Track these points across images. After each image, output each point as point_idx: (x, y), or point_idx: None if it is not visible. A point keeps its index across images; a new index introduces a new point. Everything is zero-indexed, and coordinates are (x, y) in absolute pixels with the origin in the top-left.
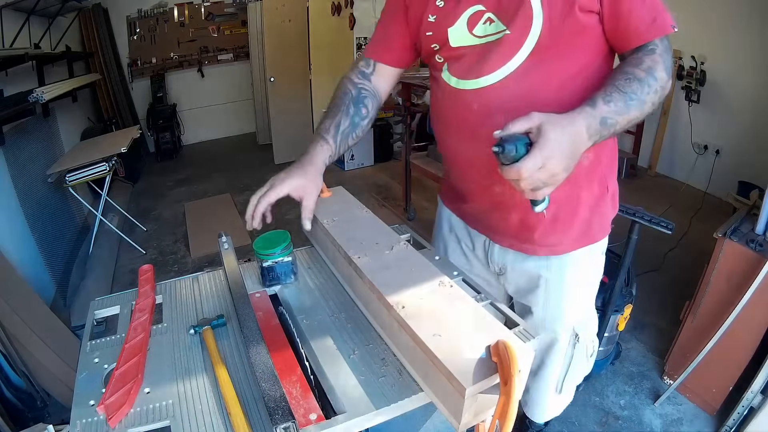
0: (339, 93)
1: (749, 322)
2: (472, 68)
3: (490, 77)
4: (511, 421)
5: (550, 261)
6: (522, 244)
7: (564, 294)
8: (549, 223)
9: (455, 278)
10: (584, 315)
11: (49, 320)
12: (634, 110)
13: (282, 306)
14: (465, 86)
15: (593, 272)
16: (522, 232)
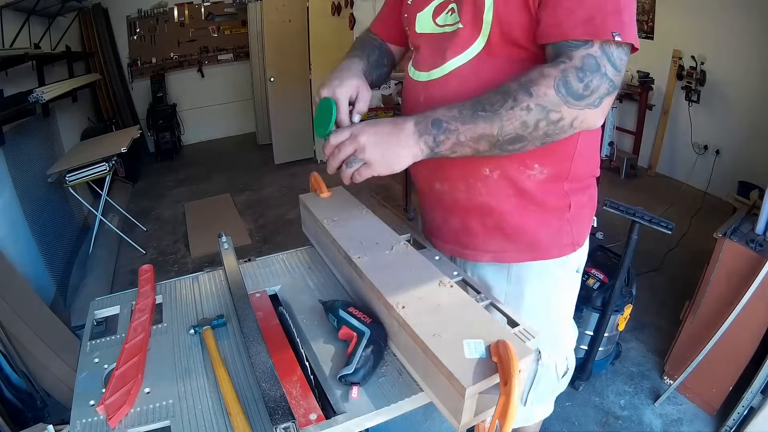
0: (360, 39)
1: (749, 322)
2: (426, 59)
3: (437, 71)
4: (512, 421)
5: (509, 271)
6: (463, 250)
7: (522, 308)
8: (491, 230)
9: (455, 278)
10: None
11: (49, 320)
12: (483, 122)
13: (282, 306)
14: (417, 77)
15: (561, 290)
16: (462, 237)
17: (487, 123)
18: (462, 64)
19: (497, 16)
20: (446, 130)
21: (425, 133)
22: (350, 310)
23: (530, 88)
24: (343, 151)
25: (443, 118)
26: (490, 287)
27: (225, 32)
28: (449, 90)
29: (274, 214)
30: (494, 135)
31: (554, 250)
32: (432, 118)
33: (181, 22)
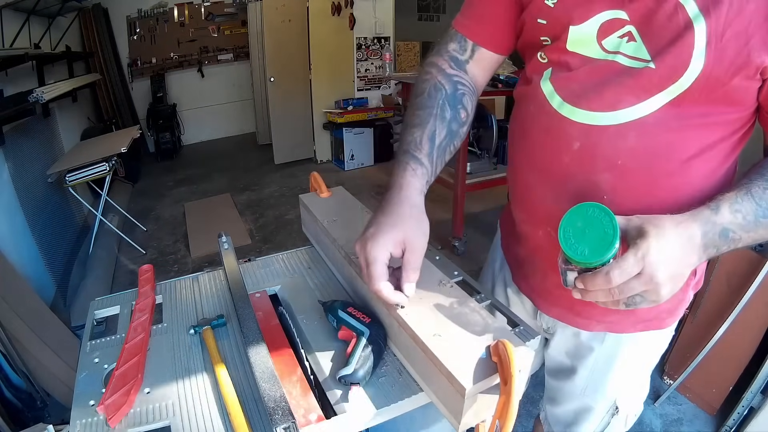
0: (426, 87)
1: (749, 322)
2: (586, 92)
3: (609, 115)
4: (511, 421)
5: (606, 336)
6: (575, 318)
7: (612, 371)
8: None
9: (455, 278)
10: (631, 390)
11: (49, 320)
12: (763, 230)
13: (282, 306)
14: (570, 114)
15: (653, 354)
16: (579, 305)
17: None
18: (645, 114)
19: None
20: (731, 240)
21: (711, 246)
22: (349, 311)
23: None
24: (626, 290)
25: (730, 227)
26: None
27: (225, 32)
28: (624, 148)
29: (274, 214)
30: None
31: (668, 319)
32: (721, 227)
33: (181, 22)
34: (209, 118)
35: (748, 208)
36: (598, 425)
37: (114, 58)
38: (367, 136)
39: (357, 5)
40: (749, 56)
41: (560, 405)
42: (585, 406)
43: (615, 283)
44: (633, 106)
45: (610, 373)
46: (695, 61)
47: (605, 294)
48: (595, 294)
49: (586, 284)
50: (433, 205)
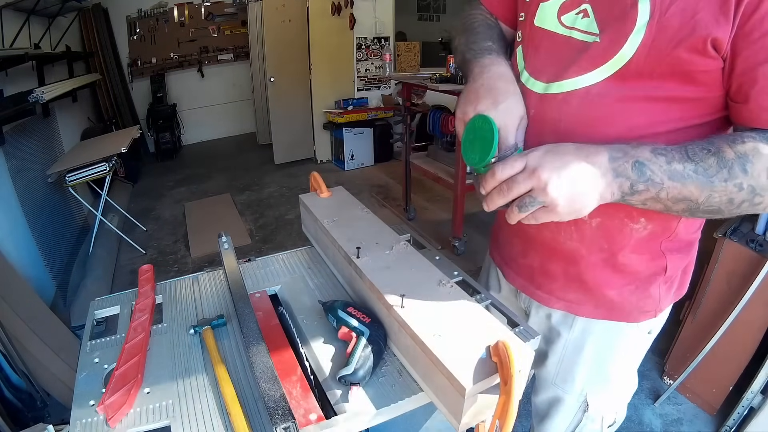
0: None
1: (749, 322)
2: (545, 66)
3: (558, 85)
4: (511, 421)
5: (574, 321)
6: (536, 290)
7: (581, 361)
8: (572, 279)
9: (455, 278)
10: (603, 386)
11: (49, 320)
12: (693, 186)
13: (282, 306)
14: (531, 86)
15: (627, 350)
16: (539, 277)
17: (696, 188)
18: (590, 84)
19: (653, 39)
20: (649, 180)
21: (623, 175)
22: (349, 310)
23: (746, 164)
24: (515, 188)
25: (649, 163)
26: (550, 330)
27: (225, 32)
28: (568, 112)
29: (274, 214)
30: (698, 202)
31: (634, 314)
32: (635, 159)
33: (181, 22)
34: (209, 118)
35: (676, 156)
36: (570, 422)
37: (114, 58)
38: (367, 136)
39: (357, 5)
40: (694, 28)
41: (538, 394)
42: (556, 396)
43: (499, 176)
44: (579, 76)
45: (578, 363)
46: (635, 35)
47: (499, 193)
48: (492, 197)
49: (483, 186)
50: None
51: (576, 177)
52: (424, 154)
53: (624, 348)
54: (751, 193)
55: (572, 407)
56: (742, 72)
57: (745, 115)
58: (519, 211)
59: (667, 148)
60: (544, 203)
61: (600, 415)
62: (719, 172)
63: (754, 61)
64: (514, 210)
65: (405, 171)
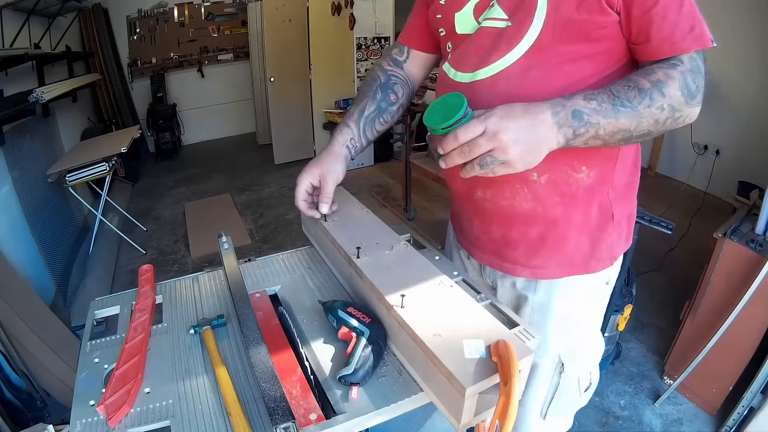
0: (368, 80)
1: (749, 322)
2: (468, 59)
3: (484, 71)
4: (512, 421)
5: (537, 284)
6: (502, 262)
7: (549, 321)
8: (533, 242)
9: (455, 278)
10: (575, 345)
11: (49, 320)
12: (624, 118)
13: (282, 306)
14: (460, 79)
15: (591, 303)
16: (502, 248)
17: (627, 119)
18: (511, 63)
19: (554, 12)
20: (587, 123)
21: (565, 125)
22: (349, 310)
23: (662, 88)
24: (475, 148)
25: (584, 109)
26: (517, 297)
27: (225, 32)
28: (498, 92)
29: (274, 214)
30: (630, 130)
31: (592, 263)
32: (572, 109)
33: (181, 22)
34: (209, 118)
35: (605, 98)
36: (548, 386)
37: (114, 58)
38: None
39: (357, 5)
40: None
41: None
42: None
43: (461, 139)
44: (500, 59)
45: (548, 326)
46: (539, 11)
47: (459, 154)
48: (452, 156)
49: (442, 146)
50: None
51: (528, 135)
52: (424, 154)
53: (586, 300)
54: (671, 110)
55: (548, 370)
56: (638, 17)
57: (650, 52)
58: (480, 168)
59: (595, 93)
60: (504, 161)
61: (576, 377)
62: (642, 101)
63: (646, 5)
64: (475, 167)
65: (405, 171)
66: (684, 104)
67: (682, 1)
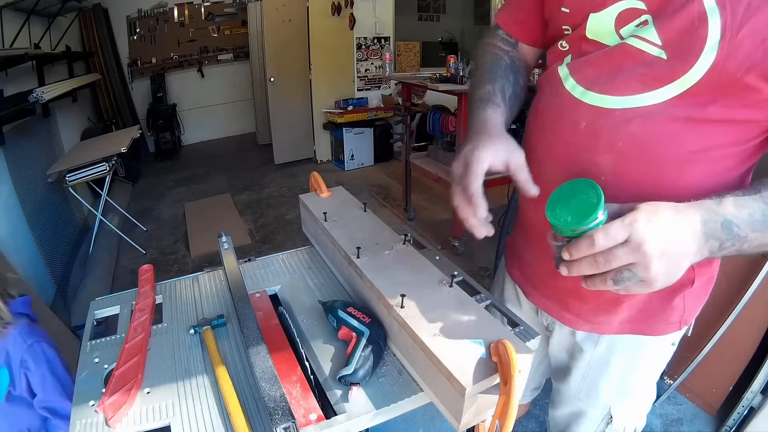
0: (489, 58)
1: (749, 322)
2: (599, 76)
3: (617, 99)
4: (511, 421)
5: (600, 339)
6: (562, 312)
7: (605, 376)
8: (607, 301)
9: (455, 278)
10: (628, 400)
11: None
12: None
13: (282, 306)
14: (582, 96)
15: (652, 363)
16: (570, 299)
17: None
18: (654, 103)
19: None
20: (736, 236)
21: (713, 237)
22: (349, 311)
23: None
24: (615, 261)
25: (734, 220)
26: (574, 346)
27: (225, 32)
28: (627, 132)
29: (274, 214)
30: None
31: (659, 326)
32: (722, 219)
33: (181, 22)
34: (209, 118)
35: (755, 207)
36: None
37: (114, 58)
38: (367, 136)
39: (357, 5)
40: (766, 54)
41: (558, 408)
42: (579, 410)
43: (599, 247)
44: (641, 93)
45: (603, 379)
46: (706, 55)
47: (590, 264)
48: (580, 264)
49: (570, 252)
50: (432, 205)
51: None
52: (424, 154)
53: (649, 360)
54: None
55: (595, 420)
56: None
57: None
58: (614, 284)
59: (746, 198)
60: (644, 279)
61: (622, 426)
62: None
63: None
64: (608, 281)
65: (405, 171)
66: None
67: None
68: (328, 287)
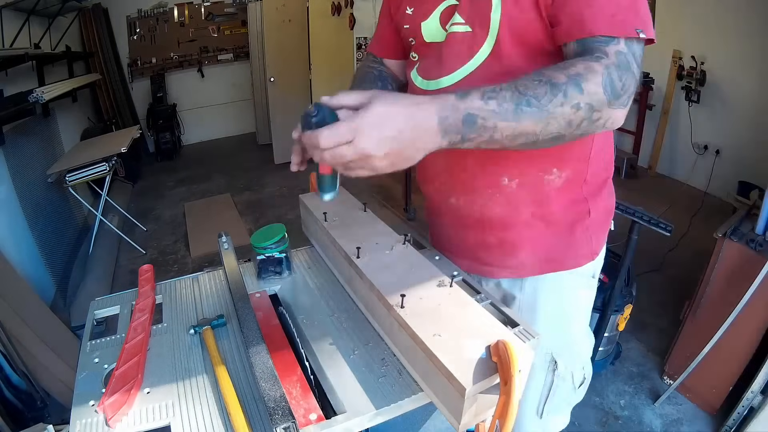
0: (359, 75)
1: (749, 322)
2: (433, 67)
3: (448, 78)
4: (512, 421)
5: (523, 282)
6: (481, 266)
7: (538, 319)
8: (510, 244)
9: (455, 278)
10: (565, 342)
11: (49, 320)
12: (528, 120)
13: (282, 306)
14: (426, 87)
15: (578, 298)
16: (479, 253)
17: (531, 120)
18: (473, 70)
19: (506, 14)
20: (481, 128)
21: (452, 131)
22: None
23: (581, 83)
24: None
25: (478, 113)
26: (504, 297)
27: (225, 32)
28: None
29: (274, 214)
30: (536, 134)
31: (572, 260)
32: (464, 113)
33: (181, 22)
34: (209, 118)
35: (508, 96)
36: (542, 385)
37: (114, 58)
38: None
39: (357, 5)
40: None
41: None
42: None
43: (323, 144)
44: (464, 66)
45: (537, 324)
46: (494, 13)
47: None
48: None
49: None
50: None
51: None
52: None
53: (572, 297)
54: (588, 110)
55: (542, 369)
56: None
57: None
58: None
59: (497, 89)
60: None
61: (569, 373)
62: (554, 98)
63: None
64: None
65: (405, 171)
66: (605, 104)
67: None
68: (328, 287)
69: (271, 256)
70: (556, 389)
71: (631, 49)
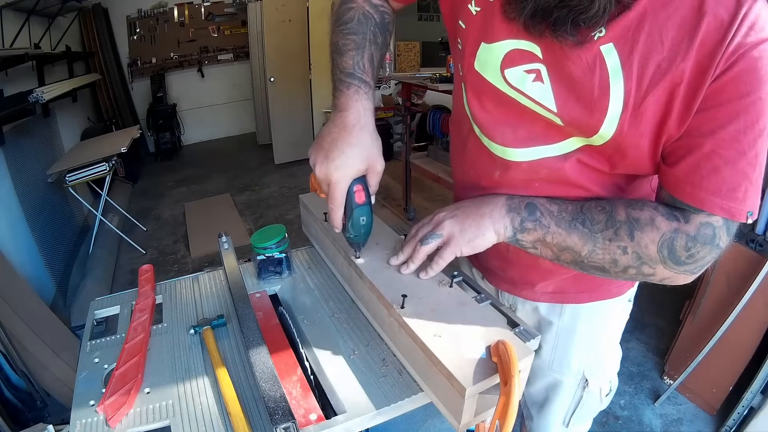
0: (355, 15)
1: (749, 322)
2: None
3: (522, 152)
4: (512, 421)
5: (563, 309)
6: (520, 292)
7: (574, 343)
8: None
9: (455, 278)
10: (599, 362)
11: (49, 320)
12: (576, 237)
13: (282, 306)
14: (489, 146)
15: (614, 323)
16: (521, 284)
17: (580, 239)
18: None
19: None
20: (538, 221)
21: (514, 211)
22: None
23: (635, 231)
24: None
25: (540, 206)
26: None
27: (225, 32)
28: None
29: (274, 214)
30: (581, 255)
31: (616, 288)
32: (528, 201)
33: (181, 22)
34: (209, 118)
35: (569, 208)
36: (570, 401)
37: (114, 58)
38: None
39: None
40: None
41: (532, 384)
42: (554, 381)
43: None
44: (545, 146)
45: (573, 346)
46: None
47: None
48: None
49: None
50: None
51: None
52: (424, 154)
53: (612, 322)
54: (637, 260)
55: (572, 387)
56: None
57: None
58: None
59: (564, 200)
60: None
61: (598, 388)
62: (605, 230)
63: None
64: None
65: (405, 171)
66: (659, 262)
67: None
68: (328, 287)
69: (271, 256)
70: (584, 403)
71: (729, 224)
